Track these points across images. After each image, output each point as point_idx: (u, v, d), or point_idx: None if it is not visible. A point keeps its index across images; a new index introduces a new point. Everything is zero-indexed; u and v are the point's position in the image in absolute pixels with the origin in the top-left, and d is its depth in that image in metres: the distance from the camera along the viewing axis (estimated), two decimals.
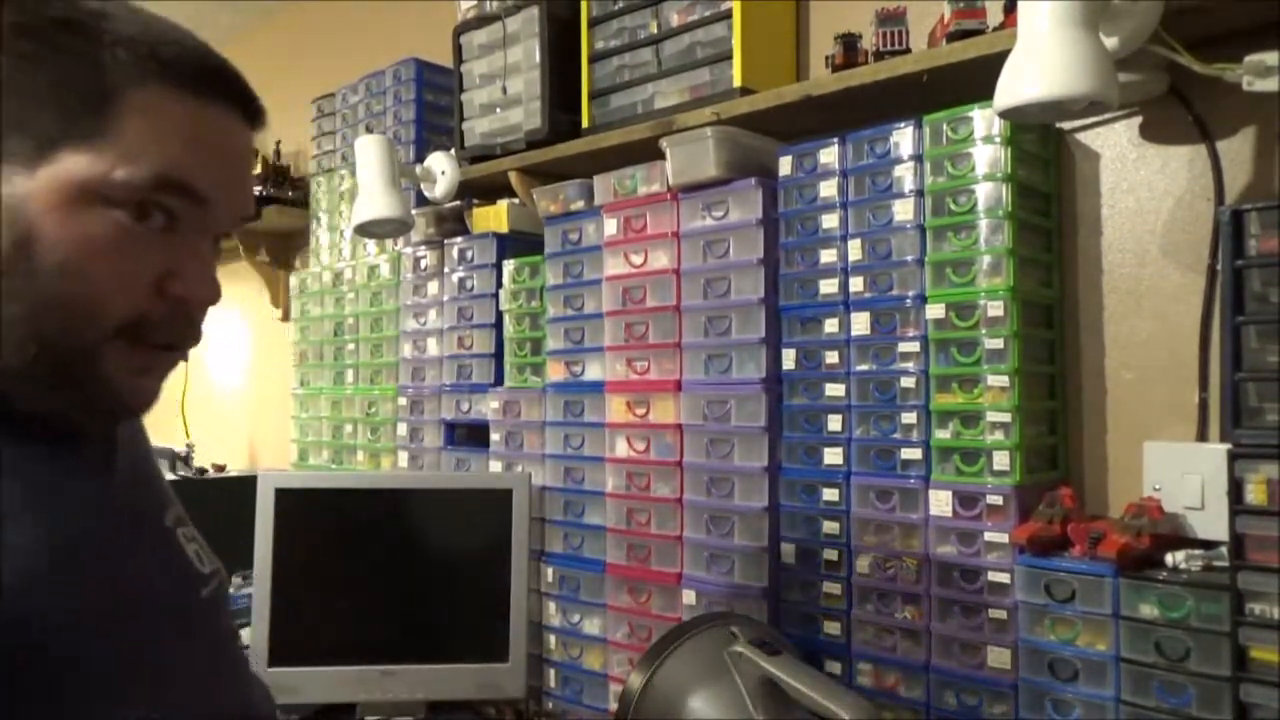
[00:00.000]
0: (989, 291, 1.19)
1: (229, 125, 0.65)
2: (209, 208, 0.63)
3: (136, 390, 0.64)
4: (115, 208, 0.59)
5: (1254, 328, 1.01)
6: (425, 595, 1.60)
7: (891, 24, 1.33)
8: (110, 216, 0.59)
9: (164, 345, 0.64)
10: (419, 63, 2.11)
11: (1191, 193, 1.22)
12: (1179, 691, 1.03)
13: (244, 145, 0.67)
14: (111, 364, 0.61)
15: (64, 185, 0.58)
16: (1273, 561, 0.97)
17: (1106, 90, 0.98)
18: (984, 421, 1.19)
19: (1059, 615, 1.12)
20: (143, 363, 0.63)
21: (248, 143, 0.68)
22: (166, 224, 0.61)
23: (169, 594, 0.68)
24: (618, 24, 1.66)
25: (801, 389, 1.36)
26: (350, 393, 2.18)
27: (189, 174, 0.61)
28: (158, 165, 0.60)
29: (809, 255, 1.36)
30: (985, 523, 1.19)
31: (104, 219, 0.58)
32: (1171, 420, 1.22)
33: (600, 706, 1.57)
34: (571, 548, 1.64)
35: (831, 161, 1.34)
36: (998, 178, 1.20)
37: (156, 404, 0.67)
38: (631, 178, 1.58)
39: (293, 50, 2.96)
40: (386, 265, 2.10)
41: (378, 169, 1.77)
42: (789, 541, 1.37)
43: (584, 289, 1.63)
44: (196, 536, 0.75)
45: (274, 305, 2.94)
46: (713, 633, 1.19)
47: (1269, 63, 1.04)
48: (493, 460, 1.79)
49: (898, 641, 1.26)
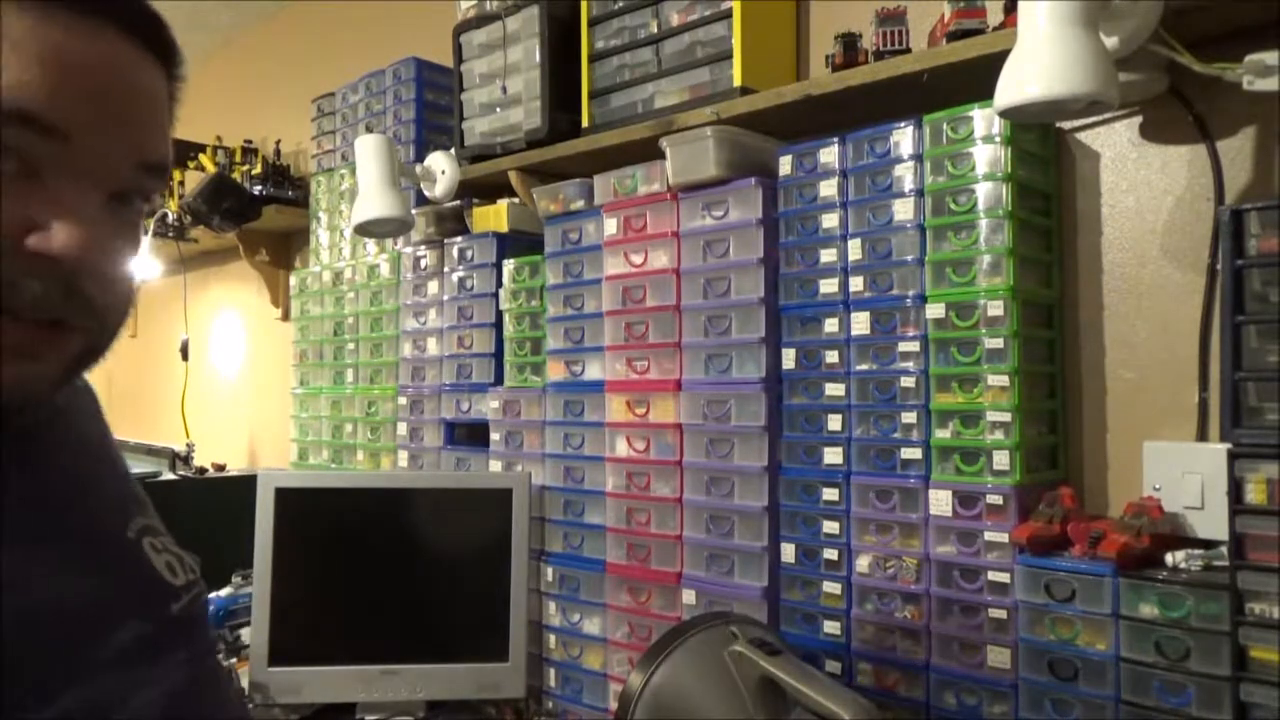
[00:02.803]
0: (989, 291, 1.19)
1: (103, 46, 0.53)
2: (75, 147, 0.51)
3: (21, 378, 0.52)
4: None
5: (1254, 327, 1.01)
6: (425, 595, 1.60)
7: (891, 24, 1.33)
8: None
9: (45, 321, 0.52)
10: (419, 62, 2.11)
11: (1191, 192, 1.22)
12: (1179, 691, 1.03)
13: (130, 72, 0.54)
14: None
15: None
16: (1273, 561, 0.97)
17: (1106, 90, 0.98)
18: (984, 421, 1.20)
19: (1059, 615, 1.12)
20: (21, 342, 0.51)
21: (138, 71, 0.55)
22: (20, 166, 0.50)
23: (124, 613, 0.59)
24: (618, 23, 1.66)
25: (801, 389, 1.36)
26: (350, 392, 2.18)
27: (37, 101, 0.49)
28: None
29: (809, 255, 1.36)
30: (985, 522, 1.19)
31: None
32: (1171, 420, 1.22)
33: (600, 706, 1.57)
34: (571, 547, 1.64)
35: (831, 161, 1.34)
36: (998, 177, 1.20)
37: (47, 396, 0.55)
38: (631, 177, 1.58)
39: (293, 50, 2.96)
40: (386, 265, 2.10)
41: (378, 169, 1.77)
42: (789, 541, 1.37)
43: (584, 288, 1.63)
44: (169, 547, 0.66)
45: (274, 305, 2.94)
46: (713, 633, 1.19)
47: (1269, 62, 1.04)
48: (493, 460, 1.79)
49: (898, 641, 1.27)
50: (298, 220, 2.60)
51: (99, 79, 0.52)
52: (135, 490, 0.70)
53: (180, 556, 0.67)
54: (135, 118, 0.55)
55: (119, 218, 0.56)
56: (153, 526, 0.66)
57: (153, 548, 0.64)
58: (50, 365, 0.54)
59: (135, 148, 0.55)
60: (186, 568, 0.67)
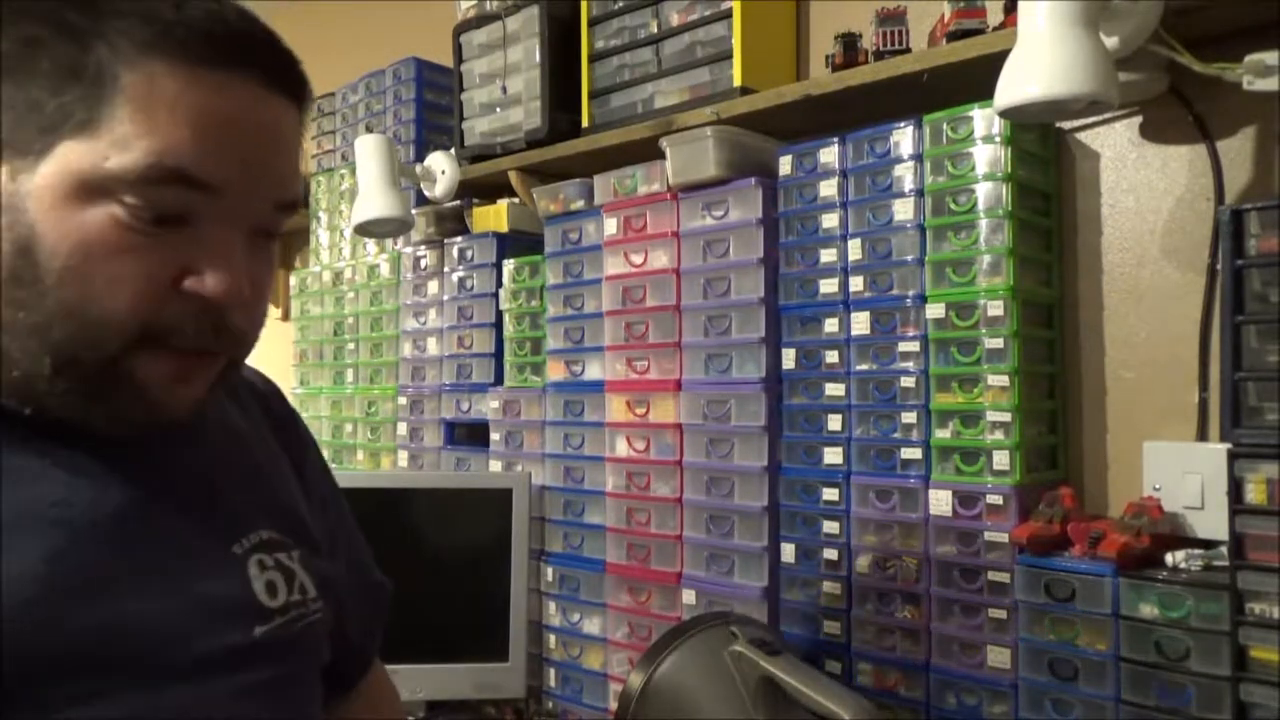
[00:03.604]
0: (989, 291, 1.19)
1: (246, 99, 0.56)
2: (224, 197, 0.56)
3: (174, 400, 0.58)
4: (114, 204, 0.52)
5: (1254, 327, 1.01)
6: (425, 595, 1.60)
7: (891, 24, 1.33)
8: (108, 213, 0.52)
9: (195, 350, 0.58)
10: (419, 62, 2.11)
11: (1191, 192, 1.22)
12: (1179, 691, 1.03)
13: (270, 120, 0.58)
14: (144, 373, 0.56)
15: (60, 180, 0.52)
16: (1273, 561, 0.97)
17: (1106, 90, 0.98)
18: (984, 421, 1.19)
19: (1059, 615, 1.12)
20: (176, 370, 0.57)
21: (277, 117, 0.58)
22: (177, 219, 0.55)
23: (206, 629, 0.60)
24: (618, 23, 1.65)
25: (801, 389, 1.36)
26: (350, 392, 2.18)
27: (192, 160, 0.53)
28: (152, 152, 0.52)
29: (809, 255, 1.36)
30: (985, 522, 1.19)
31: (101, 217, 0.52)
32: (1171, 420, 1.22)
33: (600, 706, 1.57)
34: (571, 547, 1.64)
35: (831, 161, 1.34)
36: (998, 177, 1.19)
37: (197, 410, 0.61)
38: (631, 177, 1.58)
39: (293, 50, 2.95)
40: (386, 265, 2.10)
41: (378, 169, 1.77)
42: (789, 541, 1.37)
43: (584, 288, 1.63)
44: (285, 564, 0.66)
45: (274, 305, 2.94)
46: (713, 633, 1.19)
47: (1269, 62, 1.04)
48: (493, 460, 1.79)
49: (898, 641, 1.26)
50: (298, 220, 2.59)
51: (245, 133, 0.56)
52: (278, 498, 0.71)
53: (296, 575, 0.67)
54: (275, 164, 0.59)
55: (259, 250, 0.60)
56: (274, 541, 0.67)
57: (260, 565, 0.65)
58: (198, 387, 0.60)
59: (274, 192, 0.59)
60: (297, 588, 0.67)
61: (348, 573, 0.81)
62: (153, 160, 0.52)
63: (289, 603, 0.65)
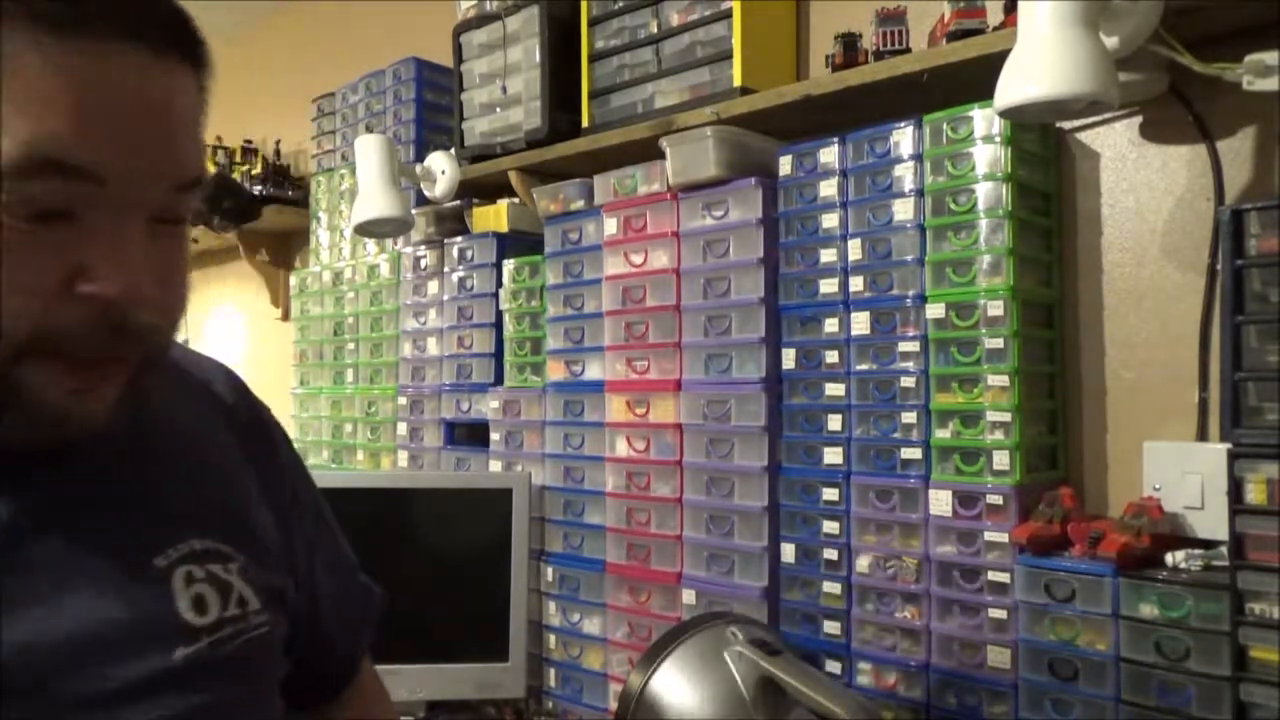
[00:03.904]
0: (989, 291, 1.19)
1: (129, 70, 0.49)
2: (112, 185, 0.49)
3: (81, 411, 0.52)
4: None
5: (1254, 327, 1.01)
6: (425, 595, 1.60)
7: (891, 24, 1.33)
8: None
9: (95, 358, 0.51)
10: (419, 62, 2.11)
11: (1191, 192, 1.22)
12: (1179, 691, 1.03)
13: (160, 92, 0.50)
14: (39, 385, 0.50)
15: None
16: (1273, 561, 0.97)
17: (1106, 90, 0.98)
18: (984, 421, 1.19)
19: (1059, 615, 1.12)
20: (77, 381, 0.51)
21: (168, 87, 0.51)
22: (60, 214, 0.48)
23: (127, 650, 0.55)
24: (618, 23, 1.66)
25: (801, 389, 1.36)
26: (350, 392, 2.18)
27: (68, 147, 0.47)
28: (21, 142, 0.46)
29: (809, 255, 1.36)
30: (985, 522, 1.19)
31: None
32: (1171, 420, 1.22)
33: (600, 706, 1.57)
34: (571, 547, 1.64)
35: (831, 161, 1.34)
36: (998, 177, 1.19)
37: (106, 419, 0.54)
38: (631, 177, 1.58)
39: (293, 50, 2.95)
40: (386, 265, 2.10)
41: (378, 169, 1.77)
42: (789, 541, 1.37)
43: (584, 288, 1.63)
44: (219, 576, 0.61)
45: (274, 305, 2.94)
46: (712, 633, 1.19)
47: (1269, 62, 1.04)
48: (493, 460, 1.79)
49: (898, 641, 1.26)
50: (298, 220, 2.60)
51: (127, 109, 0.49)
52: (225, 505, 0.65)
53: (229, 587, 0.61)
54: (167, 140, 0.52)
55: (162, 237, 0.54)
56: (208, 551, 0.61)
57: (187, 578, 0.59)
58: (107, 394, 0.54)
59: (170, 171, 0.52)
60: (234, 601, 0.61)
61: (328, 577, 0.78)
62: (23, 151, 0.46)
63: (221, 619, 0.60)
